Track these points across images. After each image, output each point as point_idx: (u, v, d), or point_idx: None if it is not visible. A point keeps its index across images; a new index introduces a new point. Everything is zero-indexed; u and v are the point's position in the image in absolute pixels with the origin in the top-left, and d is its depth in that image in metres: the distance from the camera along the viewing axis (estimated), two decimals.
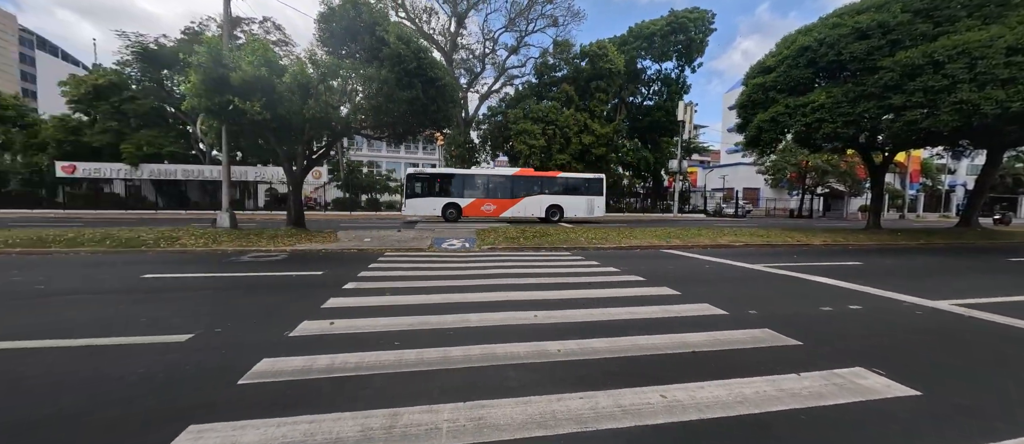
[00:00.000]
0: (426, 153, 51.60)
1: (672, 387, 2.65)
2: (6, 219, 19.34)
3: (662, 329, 3.88)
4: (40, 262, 7.49)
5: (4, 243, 8.74)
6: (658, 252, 10.25)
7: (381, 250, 9.57)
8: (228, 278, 6.17)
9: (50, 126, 27.29)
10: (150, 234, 10.05)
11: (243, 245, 9.52)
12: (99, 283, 5.72)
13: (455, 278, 6.32)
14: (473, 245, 10.48)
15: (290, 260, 7.99)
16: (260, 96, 9.63)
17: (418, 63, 10.38)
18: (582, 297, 5.18)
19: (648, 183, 38.79)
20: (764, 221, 29.39)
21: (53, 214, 23.02)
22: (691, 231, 14.51)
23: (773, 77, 15.89)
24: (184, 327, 3.75)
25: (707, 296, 5.28)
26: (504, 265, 7.74)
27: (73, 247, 8.81)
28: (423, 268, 7.22)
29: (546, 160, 30.65)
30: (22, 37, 58.49)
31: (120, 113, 26.42)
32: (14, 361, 2.99)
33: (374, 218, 24.71)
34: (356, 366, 2.93)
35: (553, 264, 7.96)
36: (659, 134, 36.20)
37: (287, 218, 12.10)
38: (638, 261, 8.59)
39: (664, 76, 35.71)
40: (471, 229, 15.19)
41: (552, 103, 30.49)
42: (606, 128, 31.20)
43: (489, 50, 32.83)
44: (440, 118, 11.72)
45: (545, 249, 10.22)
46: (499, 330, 3.81)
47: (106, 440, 2.02)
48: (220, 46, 9.48)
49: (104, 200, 27.59)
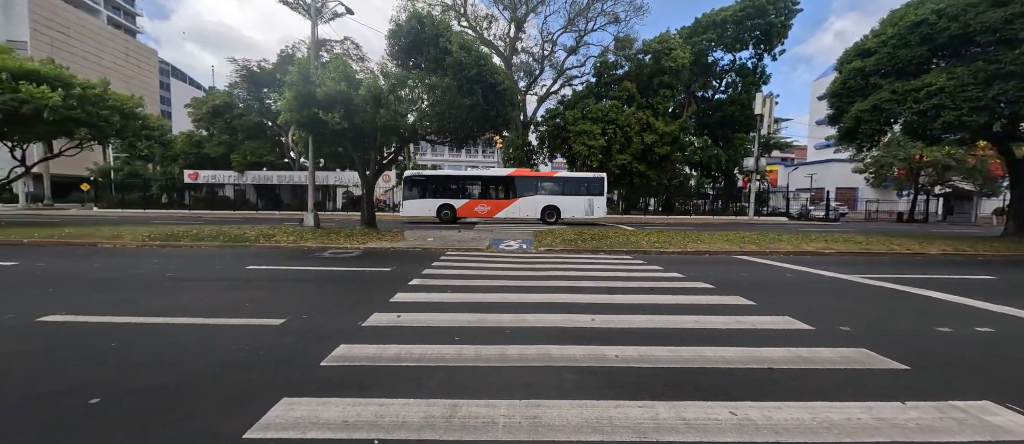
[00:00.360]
0: (485, 156, 53.05)
1: (743, 404, 2.44)
2: (149, 218, 23.58)
3: (733, 341, 3.58)
4: (172, 254, 9.04)
5: (148, 237, 10.69)
6: (730, 258, 9.46)
7: (443, 249, 10.04)
8: (312, 272, 6.91)
9: (180, 140, 32.89)
10: (252, 231, 11.62)
11: (324, 242, 10.60)
12: (215, 272, 6.75)
13: (513, 278, 6.43)
14: (530, 246, 10.56)
15: (363, 257, 8.73)
16: (339, 108, 10.67)
17: (478, 69, 10.76)
18: (643, 302, 4.97)
19: (719, 183, 35.93)
20: (863, 225, 25.61)
21: (181, 213, 27.60)
22: (770, 236, 13.16)
23: (875, 60, 13.84)
24: (278, 313, 4.28)
25: (788, 308, 4.77)
26: (561, 267, 7.69)
27: (196, 242, 10.48)
28: (482, 267, 7.44)
29: (606, 161, 29.82)
30: (161, 68, 71.19)
31: (231, 128, 30.93)
32: (155, 335, 3.66)
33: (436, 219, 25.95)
34: (420, 357, 3.13)
35: (612, 268, 7.73)
36: (732, 130, 33.40)
37: (361, 218, 13.25)
38: (706, 267, 8.01)
39: (738, 67, 32.87)
40: (528, 231, 15.30)
41: (612, 102, 29.61)
42: (671, 126, 29.53)
43: (548, 51, 32.86)
44: (499, 122, 12.01)
45: (603, 252, 9.96)
46: (555, 332, 3.80)
47: (222, 403, 2.40)
48: (309, 66, 10.70)
49: (218, 202, 32.43)
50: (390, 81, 11.16)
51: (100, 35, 53.95)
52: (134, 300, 4.87)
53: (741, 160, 33.29)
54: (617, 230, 15.14)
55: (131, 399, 2.44)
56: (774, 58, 31.71)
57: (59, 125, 12.48)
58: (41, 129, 12.95)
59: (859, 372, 2.99)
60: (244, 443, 2.00)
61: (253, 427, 2.12)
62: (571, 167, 35.33)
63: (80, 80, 13.86)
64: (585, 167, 32.93)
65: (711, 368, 3.00)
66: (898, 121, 13.47)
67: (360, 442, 2.02)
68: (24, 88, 11.81)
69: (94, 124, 13.50)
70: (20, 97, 11.53)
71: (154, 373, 2.82)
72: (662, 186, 32.25)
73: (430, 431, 2.12)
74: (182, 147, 32.91)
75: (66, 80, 13.26)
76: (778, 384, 2.77)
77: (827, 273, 7.45)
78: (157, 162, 34.13)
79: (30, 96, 11.71)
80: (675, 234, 13.38)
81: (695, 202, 36.56)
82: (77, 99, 12.99)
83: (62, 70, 13.81)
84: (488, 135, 13.74)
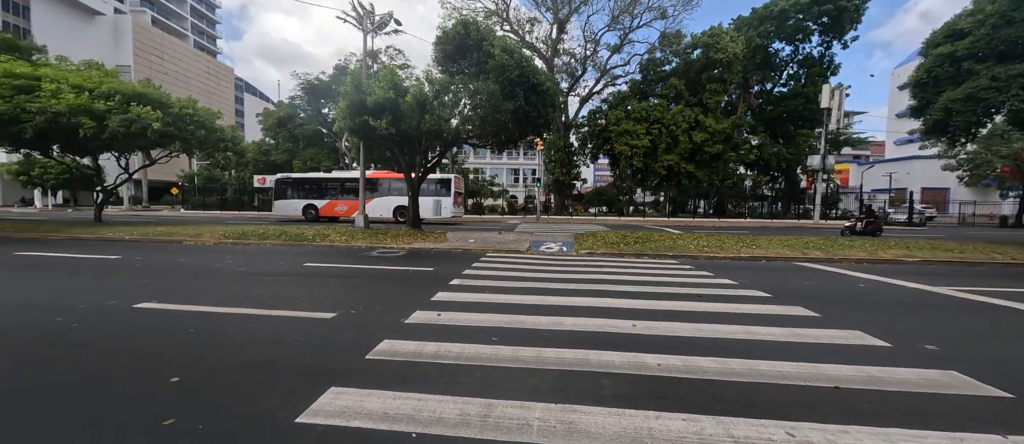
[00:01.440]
0: (527, 158, 53.19)
1: (803, 425, 2.23)
2: (224, 218, 26.23)
3: (791, 355, 3.29)
4: (242, 250, 9.99)
5: (223, 235, 11.90)
6: (790, 265, 8.71)
7: (483, 250, 10.19)
8: (361, 269, 7.32)
9: (251, 149, 36.36)
10: (310, 231, 12.54)
11: (372, 242, 11.18)
12: (278, 268, 7.36)
13: (552, 281, 6.38)
14: (570, 249, 10.42)
15: (408, 256, 9.09)
16: (387, 115, 11.22)
17: (520, 71, 10.83)
18: (689, 309, 4.71)
19: (780, 184, 33.25)
20: (956, 231, 22.43)
21: (251, 215, 30.43)
22: (839, 241, 11.94)
23: (969, 43, 12.13)
24: (330, 307, 4.58)
25: (859, 322, 4.29)
26: (602, 271, 7.51)
27: (262, 240, 11.51)
28: (521, 269, 7.45)
29: (651, 162, 28.77)
30: (236, 84, 79.29)
31: (293, 137, 33.69)
32: (226, 323, 4.06)
33: (478, 221, 26.44)
34: (458, 355, 3.19)
35: (656, 272, 7.42)
36: (795, 125, 30.81)
37: (406, 220, 13.82)
38: (762, 274, 7.44)
39: (801, 57, 30.24)
40: (569, 232, 15.12)
41: (658, 101, 28.47)
42: (722, 123, 27.85)
43: (590, 52, 32.36)
44: (541, 124, 12.00)
45: (648, 256, 9.58)
46: (594, 337, 3.72)
47: (279, 389, 2.60)
48: (361, 76, 11.37)
49: None
50: (434, 87, 11.54)
51: (188, 56, 61.06)
52: (210, 291, 5.44)
53: (804, 158, 30.58)
54: (663, 233, 14.51)
55: (204, 380, 2.73)
56: (845, 45, 28.83)
57: (158, 140, 14.28)
58: (144, 143, 14.88)
59: (947, 397, 2.62)
60: (296, 427, 2.15)
61: (304, 413, 2.27)
62: (613, 168, 34.43)
63: (174, 100, 15.77)
64: (627, 168, 31.99)
65: (765, 383, 2.77)
66: (1000, 111, 11.69)
67: (399, 435, 2.10)
68: (133, 109, 13.64)
69: (184, 138, 15.30)
70: (130, 117, 13.35)
71: (223, 358, 3.12)
72: (713, 187, 30.43)
73: (466, 428, 2.15)
74: (253, 155, 36.39)
75: (165, 101, 15.16)
76: (845, 405, 2.49)
77: (909, 284, 6.62)
78: (232, 168, 37.98)
79: (138, 116, 13.50)
80: (727, 238, 12.56)
81: (751, 204, 34.09)
82: (173, 117, 14.81)
83: (160, 91, 15.79)
84: (529, 137, 13.78)
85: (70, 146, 15.00)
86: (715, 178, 29.47)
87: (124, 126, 13.40)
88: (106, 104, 13.43)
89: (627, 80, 32.74)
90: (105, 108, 13.36)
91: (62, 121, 12.62)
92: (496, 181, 41.16)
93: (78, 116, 12.73)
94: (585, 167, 36.40)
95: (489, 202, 36.43)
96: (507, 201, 36.67)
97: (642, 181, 31.23)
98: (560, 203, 33.90)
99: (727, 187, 31.43)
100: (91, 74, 14.36)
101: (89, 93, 13.10)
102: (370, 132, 11.45)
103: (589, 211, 34.70)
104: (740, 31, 28.06)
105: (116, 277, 6.43)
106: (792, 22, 27.99)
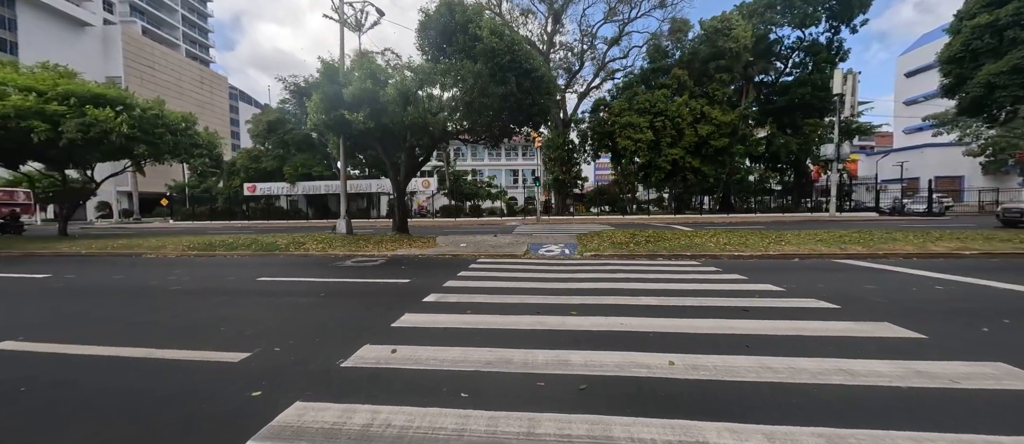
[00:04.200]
0: (525, 158, 52.03)
1: None
2: (211, 229, 25.10)
3: (929, 411, 2.05)
4: (202, 263, 8.79)
5: (188, 247, 10.70)
6: (830, 263, 7.45)
7: (475, 256, 8.97)
8: (322, 284, 6.09)
9: (240, 157, 35.27)
10: (285, 240, 11.32)
11: (351, 250, 9.96)
12: (224, 285, 6.14)
13: (553, 293, 5.15)
14: (574, 252, 9.18)
15: (385, 265, 7.87)
16: (366, 107, 10.03)
17: (512, 55, 9.66)
18: (740, 331, 3.47)
19: (788, 177, 31.96)
20: (979, 220, 21.08)
21: (240, 224, 29.29)
22: (876, 235, 10.66)
23: (1014, 8, 10.87)
24: (249, 342, 3.36)
25: (987, 345, 3.05)
26: (613, 277, 6.26)
27: (230, 251, 10.30)
28: (516, 278, 6.23)
29: (654, 155, 27.51)
30: (230, 93, 78.45)
31: (283, 142, 32.57)
32: (85, 371, 2.83)
33: (475, 224, 25.24)
34: (401, 431, 1.96)
35: (679, 277, 6.18)
36: (803, 115, 29.51)
37: (392, 224, 12.60)
38: (804, 276, 6.19)
39: (808, 44, 28.98)
40: (571, 233, 13.85)
41: (661, 92, 27.25)
42: (729, 115, 26.59)
43: (587, 46, 31.20)
44: (536, 112, 10.79)
45: (662, 257, 8.33)
46: (616, 384, 2.48)
47: None
48: (335, 66, 10.20)
49: (274, 212, 34.21)
50: (417, 76, 10.37)
51: (180, 66, 60.27)
52: (114, 319, 4.24)
53: (814, 149, 29.27)
54: (674, 231, 13.19)
55: None
56: (854, 30, 27.56)
57: (123, 145, 13.14)
58: (107, 149, 13.70)
59: None
60: None
61: None
62: (615, 164, 33.19)
63: (139, 101, 14.62)
64: (631, 163, 30.74)
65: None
66: None
67: None
68: (90, 111, 12.50)
69: (152, 142, 14.12)
70: (87, 121, 12.20)
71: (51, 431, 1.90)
72: (720, 182, 29.15)
73: None
74: (243, 162, 35.30)
75: (127, 102, 13.99)
76: None
77: (998, 284, 5.35)
78: (223, 177, 36.89)
79: (96, 119, 12.35)
80: (748, 234, 11.27)
81: (758, 199, 32.74)
82: (136, 119, 13.65)
83: (123, 91, 14.64)
84: (526, 130, 12.54)
85: (24, 155, 13.83)
86: (722, 172, 28.19)
87: (82, 131, 12.26)
88: (59, 107, 12.29)
89: (626, 74, 31.57)
90: (59, 111, 12.23)
91: (11, 126, 11.49)
92: (494, 183, 39.90)
93: (29, 120, 11.59)
94: (586, 165, 35.18)
95: (487, 204, 35.20)
96: (506, 203, 35.43)
97: (646, 177, 29.98)
98: (561, 203, 32.66)
99: (734, 182, 30.15)
100: (43, 76, 13.24)
101: (38, 95, 11.96)
102: (347, 127, 10.27)
103: (591, 211, 33.45)
104: (745, 18, 26.84)
105: (11, 302, 5.23)
106: (798, 7, 26.75)
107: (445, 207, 32.75)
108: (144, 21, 59.11)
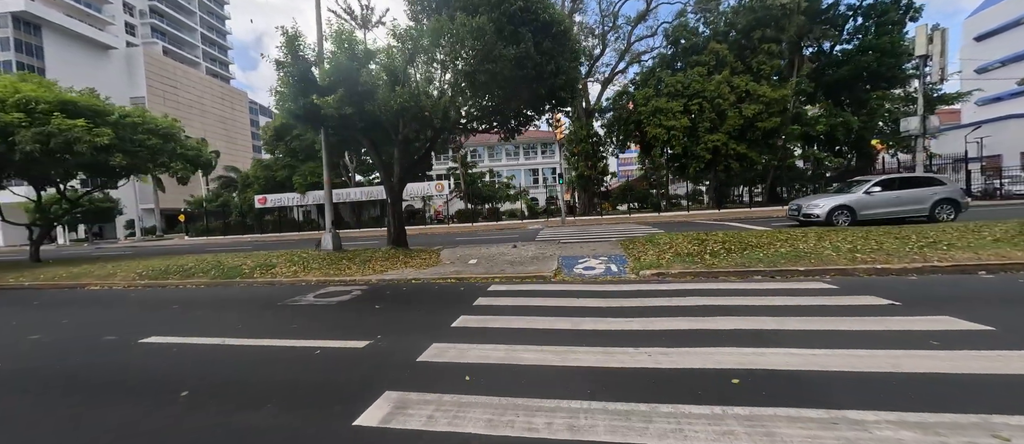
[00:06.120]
0: (545, 156, 49.31)
1: None
2: (216, 245, 23.85)
3: None
4: (134, 298, 6.80)
5: (138, 275, 8.78)
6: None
7: (488, 279, 6.53)
8: (226, 353, 3.80)
9: (254, 168, 34.37)
10: (255, 261, 9.21)
11: (328, 274, 7.73)
12: (95, 345, 3.96)
13: (615, 366, 2.60)
14: (624, 268, 6.57)
15: (357, 302, 5.54)
16: (341, 89, 7.77)
17: (524, 2, 7.13)
18: None
19: (849, 160, 27.91)
20: None
21: (250, 239, 28.11)
22: None
23: None
24: None
25: None
26: (702, 317, 3.64)
27: (185, 279, 8.32)
28: (546, 327, 3.72)
29: (691, 144, 24.28)
30: (251, 107, 79.76)
31: (292, 151, 31.32)
32: None
33: (494, 229, 22.88)
34: None
35: (830, 321, 3.49)
36: (866, 87, 25.54)
37: (387, 236, 10.32)
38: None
39: (869, 4, 24.97)
40: (609, 237, 11.12)
41: (697, 70, 24.03)
42: (780, 90, 23.07)
43: (610, 26, 28.26)
44: (560, 84, 8.20)
45: (762, 275, 5.61)
46: None
47: None
48: (298, 39, 7.99)
49: (286, 224, 33.05)
50: (405, 46, 8.03)
51: (201, 84, 61.25)
52: None
53: (883, 125, 25.20)
54: (752, 232, 9.93)
55: None
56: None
57: (93, 158, 11.54)
58: (79, 162, 12.13)
59: None
60: None
61: None
62: (643, 157, 30.01)
63: (116, 107, 13.08)
64: (661, 155, 27.56)
65: None
66: None
67: None
68: (55, 120, 10.92)
69: (129, 151, 12.48)
70: (47, 130, 10.64)
71: None
72: (769, 170, 25.57)
73: None
74: (256, 174, 34.39)
75: (100, 109, 12.45)
76: None
77: None
78: (236, 190, 36.18)
79: (59, 129, 10.77)
80: (869, 235, 8.05)
81: (813, 187, 28.62)
82: (111, 126, 12.07)
83: (96, 98, 13.13)
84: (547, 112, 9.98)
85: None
86: (773, 159, 24.64)
87: (40, 141, 10.66)
88: (14, 116, 10.74)
89: (654, 55, 28.43)
90: (14, 121, 10.68)
91: None
92: (512, 183, 37.33)
93: None
94: (612, 158, 32.21)
95: (507, 206, 32.71)
96: (527, 204, 32.84)
97: (681, 169, 26.74)
98: (586, 202, 29.78)
99: (787, 168, 26.47)
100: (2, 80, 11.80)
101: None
102: (315, 116, 8.06)
103: (618, 209, 30.41)
104: None
105: None
106: None
107: (461, 211, 30.56)
108: (165, 42, 60.38)
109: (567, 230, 17.87)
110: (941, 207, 10.70)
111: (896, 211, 10.81)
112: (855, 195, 11.15)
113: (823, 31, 26.43)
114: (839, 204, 11.06)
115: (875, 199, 10.93)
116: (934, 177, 12.67)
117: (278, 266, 8.58)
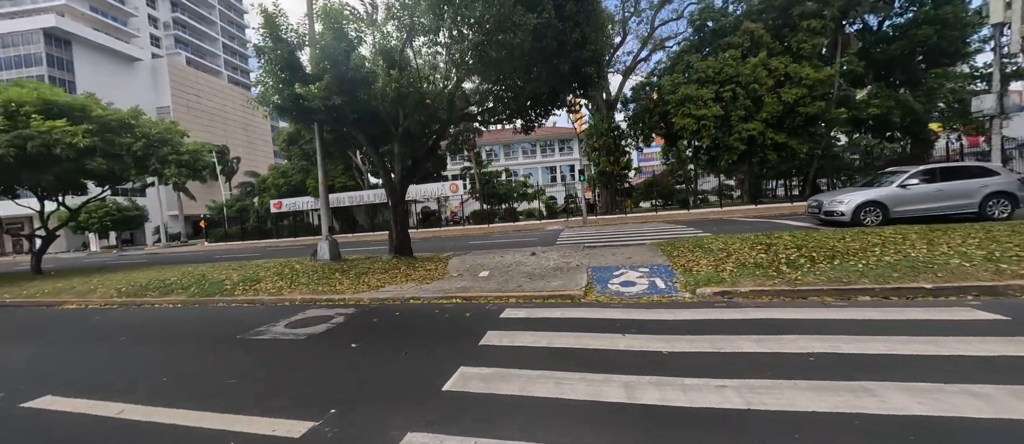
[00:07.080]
0: (562, 154, 47.63)
1: None
2: (225, 252, 23.52)
3: None
4: (96, 323, 5.84)
5: (117, 292, 7.93)
6: None
7: (501, 299, 5.24)
8: (125, 432, 2.63)
9: (271, 172, 34.31)
10: (242, 275, 8.21)
11: (316, 291, 6.61)
12: None
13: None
14: (673, 284, 5.14)
15: (335, 334, 4.35)
16: (328, 76, 6.64)
17: None
18: None
19: (904, 146, 25.19)
20: None
21: (264, 244, 27.79)
22: None
23: None
24: None
25: None
26: (813, 380, 2.20)
27: (163, 295, 7.40)
28: (584, 391, 2.39)
29: (723, 134, 22.25)
30: None
31: (305, 154, 30.92)
32: None
33: (511, 230, 21.60)
34: None
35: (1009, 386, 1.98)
36: (921, 65, 22.89)
37: (389, 244, 9.16)
38: None
39: None
40: (641, 240, 9.58)
41: (729, 53, 22.02)
42: (826, 71, 20.82)
43: (631, 11, 26.47)
44: (585, 59, 6.78)
45: (870, 294, 4.09)
46: None
47: None
48: (277, 19, 6.88)
49: (302, 228, 32.72)
50: (403, 21, 6.81)
51: (223, 92, 62.57)
52: None
53: (944, 106, 22.53)
54: (824, 233, 7.90)
55: None
56: None
57: (72, 162, 10.88)
58: (61, 169, 11.35)
59: None
60: None
61: None
62: (669, 149, 28.04)
63: (101, 105, 12.42)
64: (688, 148, 25.57)
65: None
66: None
67: None
68: (34, 123, 10.32)
69: (112, 154, 11.67)
70: (21, 134, 10.02)
71: None
72: (811, 159, 23.25)
73: None
74: (272, 179, 34.31)
75: (82, 106, 11.81)
76: None
77: None
78: (254, 195, 36.27)
79: (36, 131, 10.14)
80: (996, 232, 6.21)
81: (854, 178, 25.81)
82: (94, 123, 11.38)
83: (77, 96, 12.58)
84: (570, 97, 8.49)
85: None
86: (817, 148, 22.34)
87: (15, 145, 10.06)
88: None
89: (680, 40, 26.48)
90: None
91: None
92: (529, 181, 35.85)
93: None
94: (635, 152, 30.37)
95: (524, 206, 31.31)
96: (545, 203, 31.34)
97: (712, 161, 24.74)
98: (608, 200, 28.06)
99: (831, 157, 24.07)
100: None
101: None
102: (300, 106, 6.95)
103: (640, 206, 28.56)
104: None
105: None
106: None
107: (476, 212, 29.41)
108: (188, 51, 61.89)
109: (590, 231, 16.40)
110: (994, 202, 8.77)
111: (938, 207, 8.89)
112: (888, 189, 9.23)
113: (872, 4, 23.83)
114: (868, 200, 9.18)
115: (912, 193, 9.03)
116: (984, 166, 10.49)
117: (264, 281, 7.53)
